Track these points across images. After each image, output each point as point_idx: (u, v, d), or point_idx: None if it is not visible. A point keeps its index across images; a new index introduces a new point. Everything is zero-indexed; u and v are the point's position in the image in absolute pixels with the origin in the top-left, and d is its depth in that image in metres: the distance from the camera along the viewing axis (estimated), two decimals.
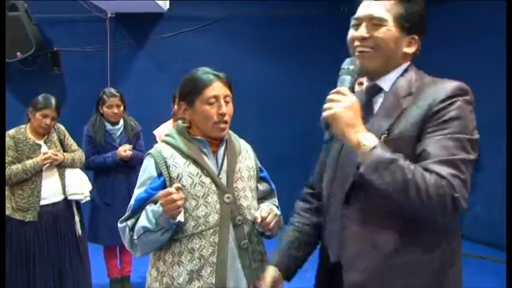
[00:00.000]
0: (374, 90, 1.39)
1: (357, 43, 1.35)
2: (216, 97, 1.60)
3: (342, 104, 1.24)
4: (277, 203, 1.80)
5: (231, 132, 1.75)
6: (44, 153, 3.01)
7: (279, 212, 1.69)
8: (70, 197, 3.14)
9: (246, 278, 1.62)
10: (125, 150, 3.37)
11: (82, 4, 4.80)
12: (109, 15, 5.17)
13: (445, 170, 1.18)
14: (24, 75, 4.93)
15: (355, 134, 1.23)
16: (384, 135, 1.28)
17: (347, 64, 1.33)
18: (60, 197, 3.10)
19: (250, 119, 4.89)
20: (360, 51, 1.34)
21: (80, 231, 3.20)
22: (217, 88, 1.61)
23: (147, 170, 1.62)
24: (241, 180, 1.67)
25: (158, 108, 3.77)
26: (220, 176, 1.64)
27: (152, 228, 1.51)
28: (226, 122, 1.63)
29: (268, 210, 1.62)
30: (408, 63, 1.39)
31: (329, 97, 1.27)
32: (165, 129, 3.17)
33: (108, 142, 3.45)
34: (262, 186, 1.78)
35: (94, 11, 4.98)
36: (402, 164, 1.19)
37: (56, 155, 3.04)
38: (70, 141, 3.25)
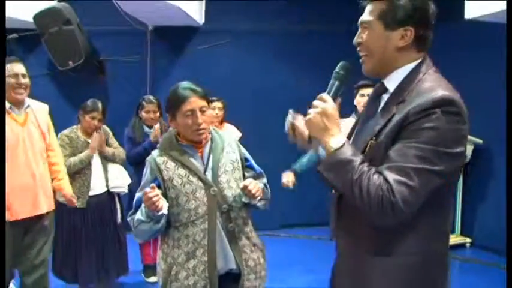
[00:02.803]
0: (380, 90, 1.41)
1: (358, 49, 1.40)
2: (193, 110, 1.85)
3: (316, 109, 1.31)
4: (264, 182, 2.05)
5: (218, 131, 2.03)
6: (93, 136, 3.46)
7: (261, 185, 1.95)
8: (112, 190, 3.55)
9: (234, 254, 1.92)
10: (156, 130, 3.69)
11: (126, 18, 5.09)
12: (149, 29, 5.47)
13: (392, 176, 1.20)
14: (74, 82, 5.27)
15: (326, 136, 1.30)
16: (372, 141, 1.31)
17: (338, 68, 1.39)
18: (103, 189, 3.51)
19: (275, 123, 5.18)
20: (360, 57, 1.39)
21: (119, 220, 3.59)
22: (193, 102, 1.85)
23: (146, 175, 1.93)
24: (225, 174, 1.93)
25: None
26: (206, 173, 1.90)
27: (144, 220, 1.81)
28: (203, 129, 1.88)
29: (251, 180, 1.89)
30: (418, 61, 1.34)
31: (313, 103, 1.33)
32: None
33: None
34: (249, 173, 2.04)
35: (136, 24, 5.27)
36: (355, 166, 1.24)
37: (101, 136, 3.49)
38: (113, 140, 3.69)
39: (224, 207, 1.91)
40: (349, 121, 2.84)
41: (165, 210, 1.80)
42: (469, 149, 4.77)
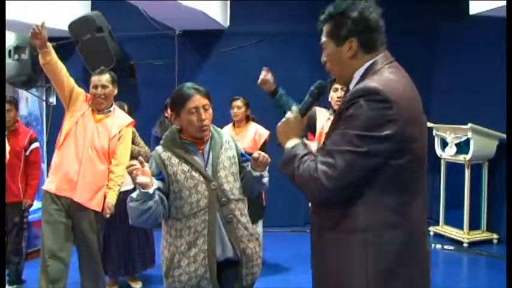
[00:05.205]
0: (347, 93, 1.54)
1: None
2: (196, 108, 1.99)
3: (283, 119, 1.58)
4: None
5: (217, 129, 2.16)
6: None
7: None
8: None
9: (231, 244, 2.05)
10: None
11: (153, 24, 5.33)
12: (177, 33, 5.67)
13: (320, 159, 1.40)
14: None
15: (286, 140, 1.54)
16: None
17: (313, 87, 1.62)
18: (130, 186, 3.59)
19: None
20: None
21: None
22: (197, 100, 1.99)
23: (151, 169, 1.98)
24: (224, 169, 2.07)
25: (219, 114, 4.22)
26: (206, 169, 2.04)
27: (134, 198, 1.87)
28: (206, 126, 2.02)
29: (259, 152, 2.08)
30: (371, 61, 1.46)
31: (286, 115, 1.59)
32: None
33: None
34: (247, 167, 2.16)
35: (164, 29, 5.50)
36: (298, 158, 1.45)
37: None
38: (139, 140, 3.90)
39: (223, 200, 2.05)
40: (320, 109, 3.09)
41: (151, 190, 1.86)
42: (494, 144, 4.70)
